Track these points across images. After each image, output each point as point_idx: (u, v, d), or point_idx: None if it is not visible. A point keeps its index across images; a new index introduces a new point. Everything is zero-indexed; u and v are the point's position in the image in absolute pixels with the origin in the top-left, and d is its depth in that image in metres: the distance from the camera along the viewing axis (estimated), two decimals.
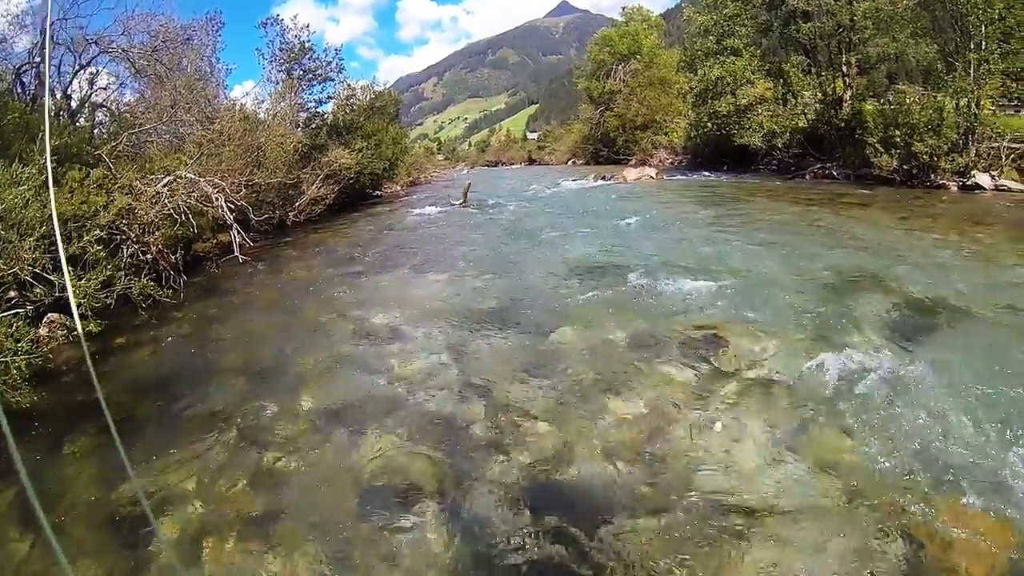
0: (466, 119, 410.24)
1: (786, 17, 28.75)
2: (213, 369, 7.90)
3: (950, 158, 20.14)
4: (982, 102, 19.76)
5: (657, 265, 10.80)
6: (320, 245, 17.17)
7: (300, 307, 10.62)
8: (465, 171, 74.62)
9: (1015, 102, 22.70)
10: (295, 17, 27.23)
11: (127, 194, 11.29)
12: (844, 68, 27.17)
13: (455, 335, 8.29)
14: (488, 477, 5.05)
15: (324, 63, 28.39)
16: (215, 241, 15.58)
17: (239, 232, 14.95)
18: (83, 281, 8.27)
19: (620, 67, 56.03)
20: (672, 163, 40.77)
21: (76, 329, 8.35)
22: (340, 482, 5.20)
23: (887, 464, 4.80)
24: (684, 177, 31.39)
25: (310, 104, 28.59)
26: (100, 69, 18.14)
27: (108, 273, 8.78)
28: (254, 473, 5.43)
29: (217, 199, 14.29)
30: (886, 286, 8.99)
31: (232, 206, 14.96)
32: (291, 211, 21.24)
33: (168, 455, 5.74)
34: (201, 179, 14.08)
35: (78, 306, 8.17)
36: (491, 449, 5.46)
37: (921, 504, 4.33)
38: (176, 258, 12.72)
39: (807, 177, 26.17)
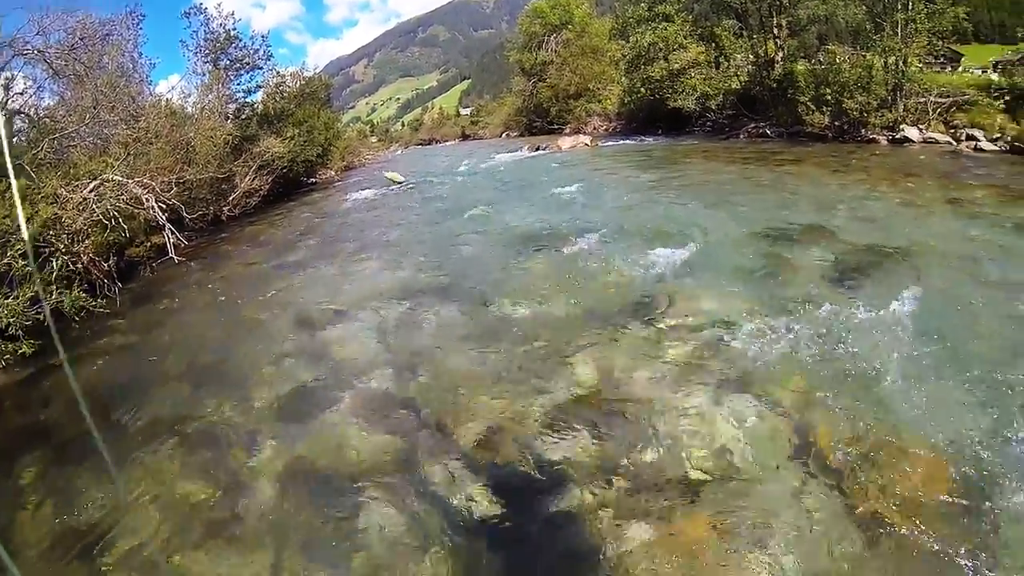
0: (398, 99, 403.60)
1: None
2: (157, 377, 7.66)
3: (880, 114, 20.77)
4: (909, 60, 20.32)
5: (596, 231, 10.84)
6: (257, 238, 16.85)
7: (240, 303, 10.42)
8: (399, 151, 73.54)
9: (941, 59, 23.59)
10: (219, 5, 26.01)
11: (52, 203, 10.77)
12: (775, 30, 27.49)
13: (397, 316, 8.28)
14: (440, 453, 5.09)
15: (251, 51, 27.35)
16: (149, 244, 15.06)
17: (173, 232, 14.51)
18: (9, 300, 7.90)
19: (552, 38, 55.54)
20: (606, 130, 40.70)
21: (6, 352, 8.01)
22: (297, 475, 5.16)
23: (835, 407, 4.96)
24: (619, 142, 31.44)
25: (238, 94, 27.67)
26: (15, 73, 17.22)
27: (36, 289, 8.38)
28: (210, 477, 5.34)
29: (148, 200, 13.84)
30: (825, 238, 9.26)
31: (164, 206, 14.53)
32: (225, 206, 20.72)
33: (123, 470, 5.58)
34: (130, 181, 13.60)
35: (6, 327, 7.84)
36: (441, 425, 5.49)
37: (870, 443, 4.52)
38: (109, 265, 12.25)
39: (741, 137, 26.50)
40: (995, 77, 21.73)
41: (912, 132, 20.02)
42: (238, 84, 27.52)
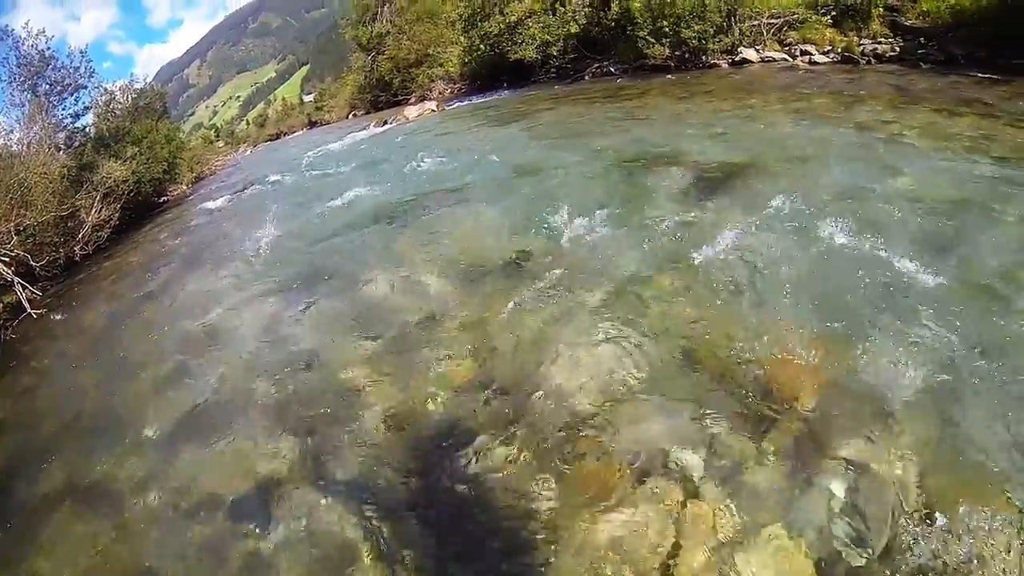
0: (239, 97, 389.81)
1: None
2: (39, 447, 7.08)
3: (717, 39, 21.43)
4: None
5: (454, 192, 11.00)
6: (117, 273, 15.43)
7: (112, 344, 9.87)
8: (248, 151, 70.74)
9: None
10: (27, 24, 23.18)
11: None
12: None
13: (273, 318, 8.15)
14: (344, 446, 5.10)
15: (71, 70, 24.56)
16: (1, 304, 13.48)
17: (24, 286, 13.01)
18: None
19: (385, 7, 54.23)
20: (452, 92, 39.85)
21: None
22: (206, 505, 5.05)
23: (715, 318, 5.33)
24: (465, 102, 31.15)
25: (66, 120, 24.94)
26: None
27: None
28: (116, 535, 5.12)
29: None
30: (677, 159, 9.67)
31: (8, 259, 13.46)
32: (76, 245, 18.61)
33: (14, 563, 5.27)
34: None
35: None
36: (339, 417, 5.48)
37: (751, 343, 4.89)
38: None
39: (587, 78, 26.50)
40: None
41: (750, 53, 20.82)
42: (64, 109, 24.80)
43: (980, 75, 13.98)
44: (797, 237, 6.30)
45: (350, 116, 60.89)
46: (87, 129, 26.15)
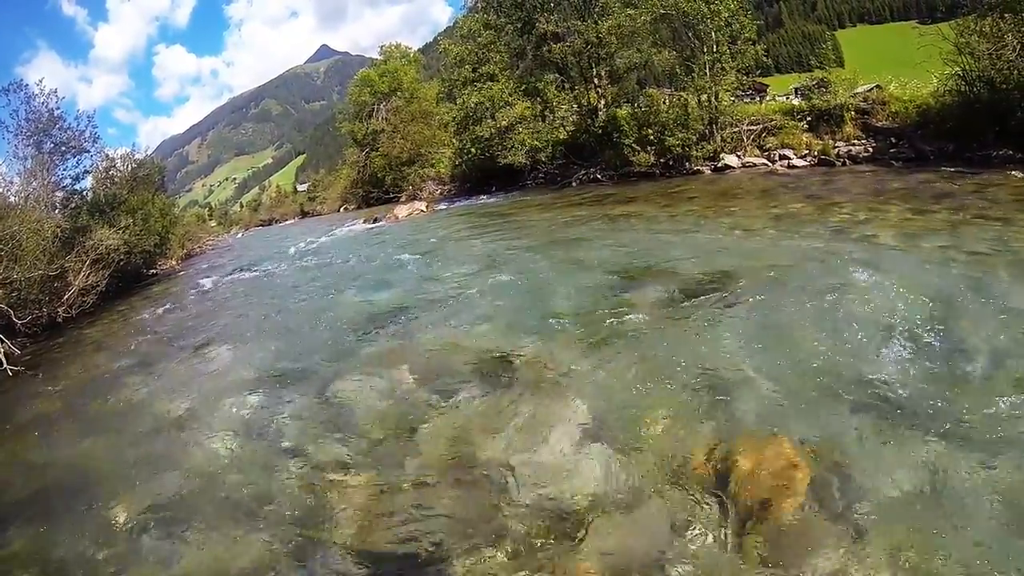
0: (235, 179, 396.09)
1: (537, 40, 29.78)
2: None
3: (700, 146, 22.38)
4: (721, 95, 22.20)
5: (436, 299, 10.81)
6: (99, 340, 15.13)
7: (87, 416, 9.39)
8: (240, 234, 71.48)
9: (749, 91, 26.34)
10: (41, 81, 23.39)
11: None
12: (596, 80, 28.75)
13: (250, 409, 7.86)
14: (314, 549, 4.88)
15: (77, 133, 24.79)
16: None
17: (3, 340, 12.82)
18: None
19: (382, 106, 55.60)
20: (442, 193, 40.40)
21: None
22: None
23: (687, 427, 5.24)
24: (454, 205, 31.48)
25: (66, 181, 25.00)
26: None
27: None
28: None
29: None
30: (659, 271, 9.63)
31: None
32: (60, 306, 18.22)
33: None
34: None
35: None
36: (310, 518, 5.27)
37: (728, 452, 4.78)
38: None
39: (574, 184, 26.94)
40: (796, 102, 24.43)
41: (732, 159, 21.88)
42: (64, 170, 24.94)
43: (949, 169, 14.76)
44: (775, 344, 6.33)
45: (341, 209, 61.45)
46: (85, 193, 26.25)
